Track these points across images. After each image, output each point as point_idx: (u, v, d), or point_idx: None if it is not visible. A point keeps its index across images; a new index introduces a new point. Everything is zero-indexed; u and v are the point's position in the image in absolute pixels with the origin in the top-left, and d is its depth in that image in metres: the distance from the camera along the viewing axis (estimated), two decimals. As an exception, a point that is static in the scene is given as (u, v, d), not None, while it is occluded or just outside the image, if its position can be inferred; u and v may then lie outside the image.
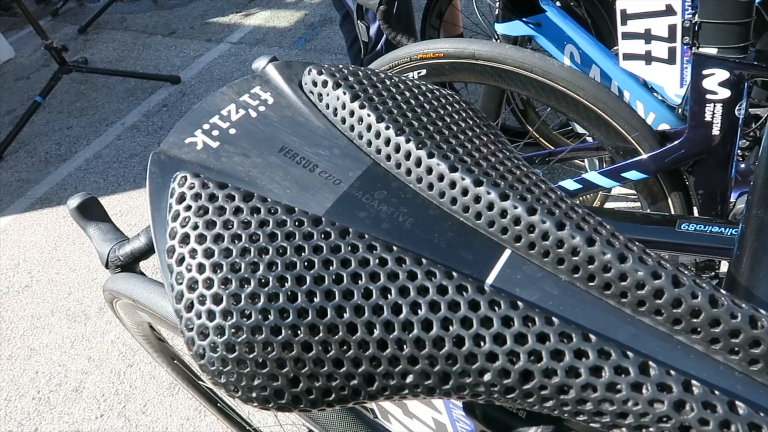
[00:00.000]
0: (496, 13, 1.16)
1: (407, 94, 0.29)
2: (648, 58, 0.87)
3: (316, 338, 0.21)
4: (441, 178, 0.25)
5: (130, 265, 0.49)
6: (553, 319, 0.21)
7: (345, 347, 0.21)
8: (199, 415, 1.41)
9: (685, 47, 0.83)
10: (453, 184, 0.25)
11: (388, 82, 0.29)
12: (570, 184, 1.05)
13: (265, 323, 0.22)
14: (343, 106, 0.28)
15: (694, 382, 0.19)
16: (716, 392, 0.19)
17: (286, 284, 0.22)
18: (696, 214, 0.99)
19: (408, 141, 0.26)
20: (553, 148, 1.38)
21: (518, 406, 0.22)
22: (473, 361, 0.21)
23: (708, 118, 0.87)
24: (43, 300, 1.67)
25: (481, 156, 0.26)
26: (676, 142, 0.92)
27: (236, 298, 0.22)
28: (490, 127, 0.29)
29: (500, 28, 1.19)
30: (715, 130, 0.88)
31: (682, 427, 0.19)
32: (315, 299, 0.22)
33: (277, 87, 0.30)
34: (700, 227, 0.64)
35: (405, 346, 0.21)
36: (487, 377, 0.21)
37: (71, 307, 1.63)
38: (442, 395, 0.22)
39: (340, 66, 0.30)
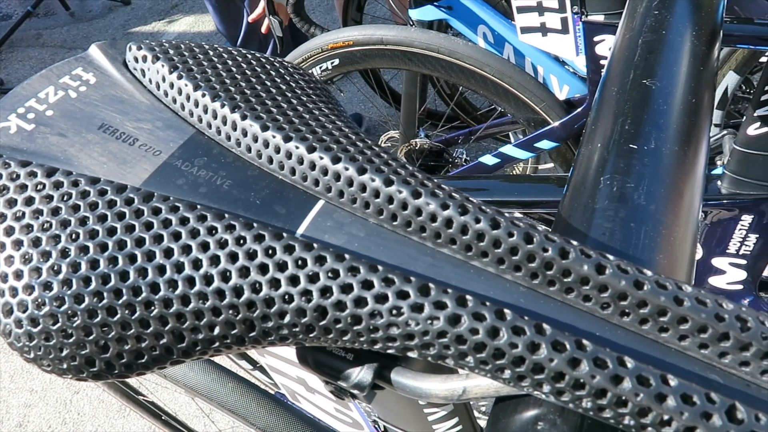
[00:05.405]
0: (409, -2, 1.18)
1: (229, 63, 0.29)
2: (543, 29, 0.90)
3: (120, 302, 0.22)
4: (255, 138, 0.26)
5: None
6: (345, 255, 0.21)
7: (150, 307, 0.22)
8: (151, 433, 1.37)
9: (576, 16, 0.87)
10: (267, 143, 0.25)
11: (211, 53, 0.30)
12: (489, 159, 1.08)
13: (68, 293, 0.22)
14: (164, 79, 0.28)
15: (468, 297, 0.20)
16: (487, 303, 0.20)
17: (88, 253, 0.22)
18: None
19: (223, 106, 0.26)
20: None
21: (323, 344, 0.22)
22: (272, 304, 0.21)
23: (605, 82, 0.91)
24: (-25, 334, 1.59)
25: (296, 114, 0.27)
26: (580, 109, 0.97)
27: (38, 272, 0.22)
28: (315, 88, 0.30)
29: (414, 13, 1.21)
30: (613, 94, 0.92)
31: (459, 338, 0.20)
32: (118, 264, 0.22)
33: (101, 67, 0.30)
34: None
35: (207, 299, 0.22)
36: (287, 319, 0.22)
37: (7, 339, 1.56)
38: (252, 343, 0.22)
39: (162, 41, 0.30)
